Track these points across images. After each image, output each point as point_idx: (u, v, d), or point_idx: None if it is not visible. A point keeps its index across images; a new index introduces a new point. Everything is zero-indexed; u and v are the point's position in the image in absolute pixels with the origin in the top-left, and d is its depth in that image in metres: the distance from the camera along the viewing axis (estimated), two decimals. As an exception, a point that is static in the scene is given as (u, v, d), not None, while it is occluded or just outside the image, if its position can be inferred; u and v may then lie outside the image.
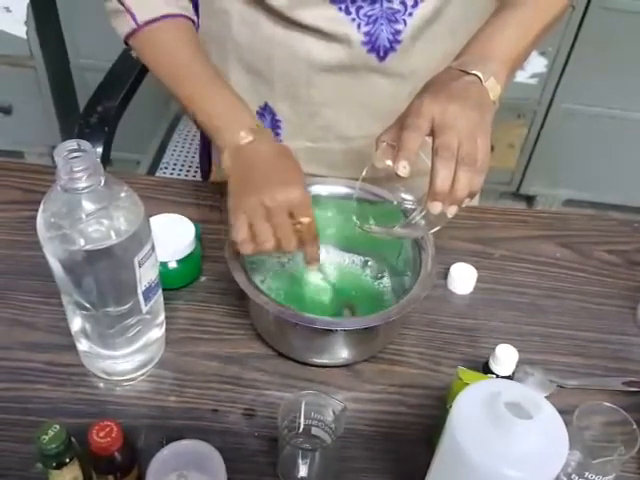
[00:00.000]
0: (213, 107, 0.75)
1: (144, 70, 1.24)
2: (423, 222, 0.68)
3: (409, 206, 0.73)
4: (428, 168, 0.64)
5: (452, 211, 0.64)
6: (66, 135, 2.05)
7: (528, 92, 1.84)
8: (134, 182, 0.67)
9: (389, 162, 0.68)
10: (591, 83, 1.82)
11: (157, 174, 1.47)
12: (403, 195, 0.73)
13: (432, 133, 0.63)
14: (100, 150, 1.10)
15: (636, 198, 2.05)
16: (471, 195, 0.64)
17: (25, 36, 1.81)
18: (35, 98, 1.93)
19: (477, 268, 0.85)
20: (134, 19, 0.79)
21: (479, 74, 0.67)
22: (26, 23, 1.79)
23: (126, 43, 0.83)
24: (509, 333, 0.80)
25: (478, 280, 0.85)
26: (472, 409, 0.52)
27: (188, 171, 1.49)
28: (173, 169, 1.49)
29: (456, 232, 0.89)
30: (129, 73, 1.23)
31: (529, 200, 2.15)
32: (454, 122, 0.62)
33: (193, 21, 0.82)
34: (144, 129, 1.59)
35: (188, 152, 1.53)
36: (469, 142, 0.62)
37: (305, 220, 0.69)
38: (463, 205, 0.65)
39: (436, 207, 0.63)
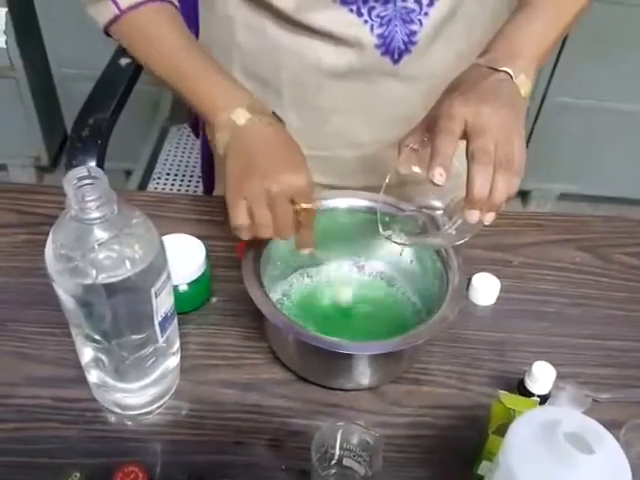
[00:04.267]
0: (205, 86, 0.71)
1: (134, 78, 1.19)
2: (454, 231, 0.65)
3: (438, 213, 0.69)
4: (458, 171, 0.61)
5: (489, 218, 0.61)
6: (50, 146, 2.00)
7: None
8: (133, 199, 0.63)
9: (415, 168, 0.65)
10: (585, 76, 1.80)
11: (150, 185, 1.43)
12: (432, 202, 0.70)
13: (465, 136, 0.60)
14: (94, 164, 1.05)
15: (631, 191, 2.04)
16: (508, 200, 0.61)
17: (5, 45, 1.75)
18: (17, 109, 1.87)
19: (498, 277, 0.82)
20: (116, 5, 0.74)
21: (509, 71, 0.64)
22: (5, 32, 1.73)
23: (106, 33, 0.78)
24: (537, 345, 0.77)
25: (500, 290, 0.82)
26: (528, 440, 0.48)
27: (182, 181, 1.45)
28: (166, 179, 1.45)
29: (473, 240, 0.85)
30: (119, 83, 1.18)
31: (523, 195, 2.13)
32: (488, 124, 0.59)
33: (176, 7, 0.78)
34: (133, 138, 1.54)
35: (181, 161, 1.49)
36: (505, 144, 0.59)
37: (307, 206, 0.66)
38: (500, 211, 0.62)
39: (474, 215, 0.60)
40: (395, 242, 0.70)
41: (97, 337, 0.60)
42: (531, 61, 0.66)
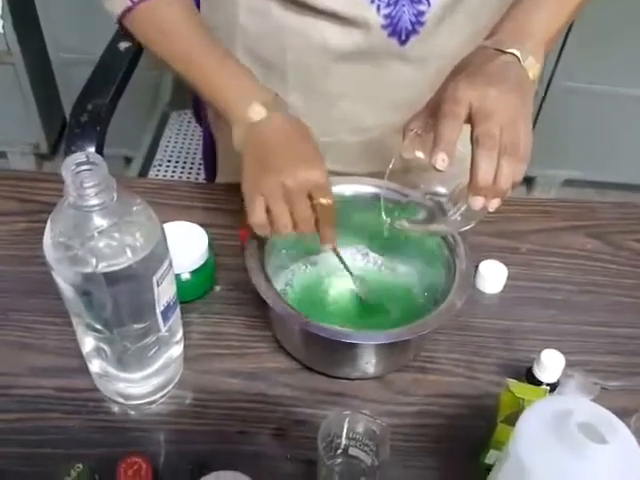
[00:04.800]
0: (221, 80, 0.70)
1: (134, 63, 1.17)
2: (459, 217, 0.64)
3: (443, 200, 0.68)
4: (462, 155, 0.59)
5: (494, 205, 0.60)
6: (49, 133, 1.98)
7: (526, 71, 1.80)
8: (134, 186, 0.62)
9: (419, 153, 0.63)
10: (592, 60, 1.78)
11: (151, 172, 1.42)
12: (436, 188, 0.68)
13: (470, 120, 0.59)
14: (92, 150, 1.04)
15: (637, 177, 2.02)
16: (514, 186, 0.59)
17: (2, 30, 1.73)
18: (15, 95, 1.85)
19: (505, 264, 0.81)
20: None
21: (517, 53, 0.62)
22: (2, 17, 1.71)
23: (120, 25, 0.77)
24: (545, 333, 0.76)
25: (507, 277, 0.80)
26: (539, 429, 0.47)
27: (183, 167, 1.44)
28: (167, 165, 1.44)
29: (479, 226, 0.84)
30: (118, 68, 1.16)
31: (528, 181, 2.12)
32: (494, 108, 0.58)
33: None
34: (133, 124, 1.52)
35: (182, 148, 1.48)
36: (511, 129, 0.58)
37: (325, 202, 0.65)
38: (505, 197, 0.60)
39: (478, 202, 0.58)
40: (399, 229, 0.69)
41: (98, 326, 0.59)
42: (539, 43, 0.65)
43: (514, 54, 0.62)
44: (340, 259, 0.73)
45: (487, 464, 0.62)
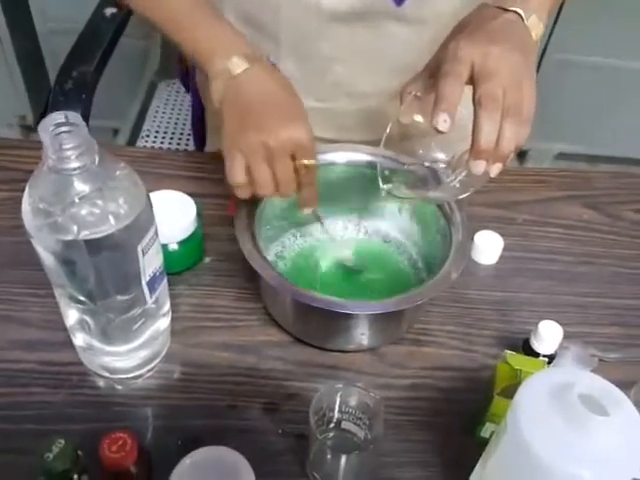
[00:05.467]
0: (203, 32, 0.66)
1: (119, 29, 1.14)
2: (458, 184, 0.61)
3: (441, 166, 0.65)
4: (462, 118, 0.57)
5: (496, 170, 0.57)
6: (36, 104, 1.94)
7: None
8: (120, 155, 0.59)
9: (417, 116, 0.61)
10: (585, 32, 1.74)
11: (138, 143, 1.38)
12: (435, 154, 0.66)
13: (471, 80, 0.56)
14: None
15: (632, 150, 2.00)
16: (516, 150, 0.57)
17: (-15, 1, 1.68)
18: (0, 67, 1.81)
19: (501, 235, 0.79)
20: None
21: (519, 11, 0.59)
22: (-15, -13, 1.66)
23: None
24: (542, 305, 0.74)
25: (503, 248, 0.78)
26: (539, 402, 0.46)
27: (172, 138, 1.40)
28: (155, 137, 1.40)
29: (475, 197, 0.82)
30: (104, 34, 1.13)
31: (521, 154, 2.10)
32: (497, 67, 0.55)
33: None
34: (120, 94, 1.49)
35: (170, 118, 1.44)
36: (514, 89, 0.55)
37: (309, 162, 0.62)
38: (507, 162, 0.58)
39: (480, 166, 0.56)
40: (396, 196, 0.66)
41: (81, 298, 0.57)
42: (542, 3, 0.62)
43: (517, 12, 0.59)
44: (321, 223, 0.71)
45: (483, 437, 0.61)
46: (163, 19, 0.69)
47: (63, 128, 0.49)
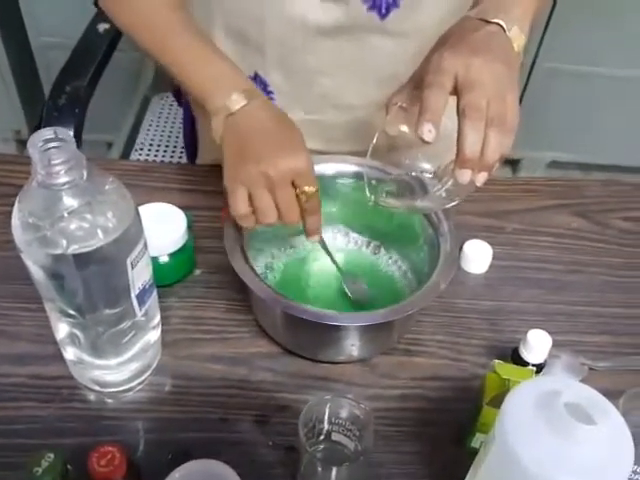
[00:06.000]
0: (201, 70, 0.67)
1: (112, 45, 1.15)
2: (444, 194, 0.62)
3: (427, 176, 0.66)
4: (447, 130, 0.57)
5: (481, 179, 0.58)
6: (30, 118, 1.94)
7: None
8: (112, 168, 0.60)
9: (403, 127, 0.61)
10: (575, 40, 1.76)
11: (132, 156, 1.39)
12: (421, 164, 0.66)
13: (455, 92, 0.57)
14: (71, 134, 1.01)
15: (624, 158, 2.01)
16: (501, 159, 0.57)
17: (-20, 14, 1.69)
18: (-5, 81, 1.82)
19: (490, 244, 0.79)
20: None
21: (501, 23, 0.60)
22: (-21, 0, 1.67)
23: (97, 7, 0.74)
24: (531, 314, 0.75)
25: (493, 257, 0.79)
26: (526, 411, 0.46)
27: (165, 151, 1.40)
28: (149, 150, 1.41)
29: (464, 206, 0.82)
30: (97, 49, 1.14)
31: (513, 164, 2.10)
32: (480, 78, 0.56)
33: None
34: (113, 108, 1.49)
35: (164, 131, 1.45)
36: (498, 100, 0.56)
37: (310, 189, 0.62)
38: (493, 171, 0.58)
39: (465, 175, 0.56)
40: (383, 206, 0.67)
41: (71, 312, 0.57)
42: (524, 14, 0.63)
43: (499, 24, 0.60)
44: (327, 252, 0.71)
45: (473, 448, 0.61)
46: (160, 52, 0.70)
47: (52, 144, 0.49)
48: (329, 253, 0.72)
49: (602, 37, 1.74)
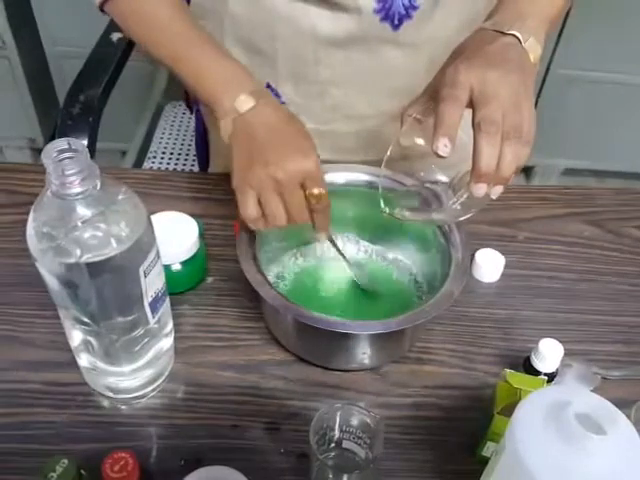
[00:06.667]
0: (208, 71, 0.67)
1: (126, 54, 1.16)
2: (459, 206, 0.62)
3: (442, 188, 0.66)
4: (463, 142, 0.57)
5: (497, 192, 0.58)
6: (45, 127, 1.97)
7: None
8: (125, 177, 0.60)
9: (419, 140, 0.61)
10: (589, 47, 1.76)
11: (145, 164, 1.40)
12: (436, 176, 0.66)
13: (471, 104, 0.57)
14: (85, 142, 1.02)
15: (638, 165, 2.00)
16: (517, 170, 0.57)
17: (-4, 24, 1.71)
18: (10, 89, 1.84)
19: (502, 253, 0.79)
20: None
21: (517, 34, 0.60)
22: (-4, 11, 1.69)
23: (102, 11, 0.74)
24: (543, 322, 0.74)
25: (505, 266, 0.79)
26: (536, 420, 0.46)
27: (178, 159, 1.42)
28: (162, 158, 1.42)
29: (476, 215, 0.82)
30: (110, 58, 1.15)
31: (528, 171, 2.10)
32: (495, 91, 0.55)
33: None
34: (127, 117, 1.51)
35: (176, 140, 1.46)
36: (514, 112, 0.56)
37: (318, 191, 0.63)
38: (509, 184, 0.58)
39: (481, 189, 0.56)
40: (397, 218, 0.67)
41: (85, 319, 0.58)
42: (540, 25, 0.63)
43: (515, 35, 0.60)
44: (336, 247, 0.71)
45: (484, 457, 0.61)
46: (165, 55, 0.70)
47: (66, 154, 0.50)
48: (337, 248, 0.71)
49: (616, 44, 1.74)
